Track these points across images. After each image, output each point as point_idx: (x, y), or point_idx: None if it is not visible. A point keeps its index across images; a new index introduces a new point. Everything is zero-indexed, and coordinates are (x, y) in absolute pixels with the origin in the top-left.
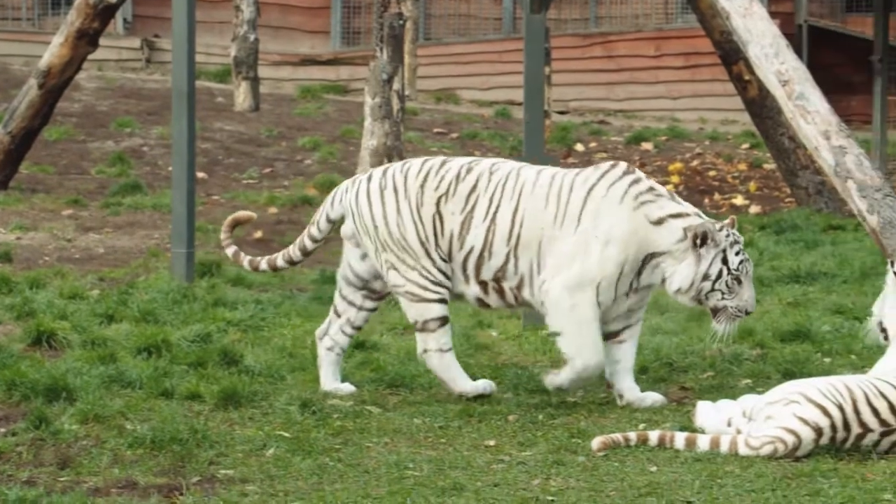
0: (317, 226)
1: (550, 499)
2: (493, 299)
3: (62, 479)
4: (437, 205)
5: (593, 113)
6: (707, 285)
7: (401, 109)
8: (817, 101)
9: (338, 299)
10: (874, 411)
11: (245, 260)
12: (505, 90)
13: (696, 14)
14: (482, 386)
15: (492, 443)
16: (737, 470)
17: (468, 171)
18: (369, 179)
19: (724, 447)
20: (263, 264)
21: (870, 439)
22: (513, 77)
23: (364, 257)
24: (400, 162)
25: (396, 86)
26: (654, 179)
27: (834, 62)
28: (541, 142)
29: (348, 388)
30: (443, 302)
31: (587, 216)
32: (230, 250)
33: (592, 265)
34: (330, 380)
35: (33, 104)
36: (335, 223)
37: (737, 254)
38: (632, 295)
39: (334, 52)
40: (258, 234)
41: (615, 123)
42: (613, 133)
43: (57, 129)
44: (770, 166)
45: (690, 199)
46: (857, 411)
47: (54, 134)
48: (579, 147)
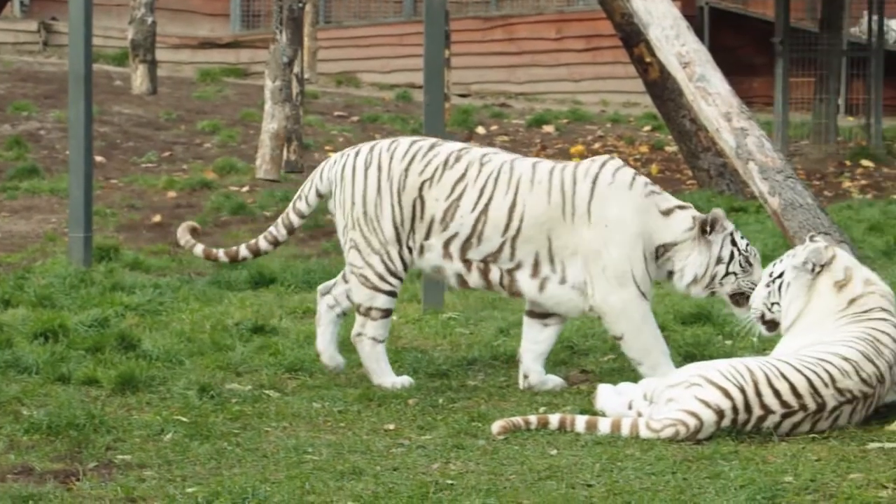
0: (305, 200)
1: (450, 482)
2: (473, 278)
3: None
4: (420, 189)
5: (494, 96)
6: (721, 269)
7: (300, 93)
8: (718, 83)
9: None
10: (775, 393)
11: (220, 252)
12: (406, 73)
13: None
14: (401, 382)
15: (391, 427)
16: (637, 453)
17: (457, 158)
18: (357, 154)
19: (625, 430)
20: (244, 251)
21: (771, 421)
22: (413, 60)
23: None
24: (389, 139)
25: (296, 69)
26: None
27: (735, 44)
28: (441, 125)
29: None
30: (392, 295)
31: (596, 207)
32: (198, 249)
33: (620, 255)
34: (326, 341)
35: None
36: (324, 197)
37: (742, 237)
38: None
39: (234, 34)
40: (157, 219)
41: (516, 106)
42: (515, 116)
43: None
44: (672, 148)
45: None
46: (758, 393)
47: None
48: (480, 130)
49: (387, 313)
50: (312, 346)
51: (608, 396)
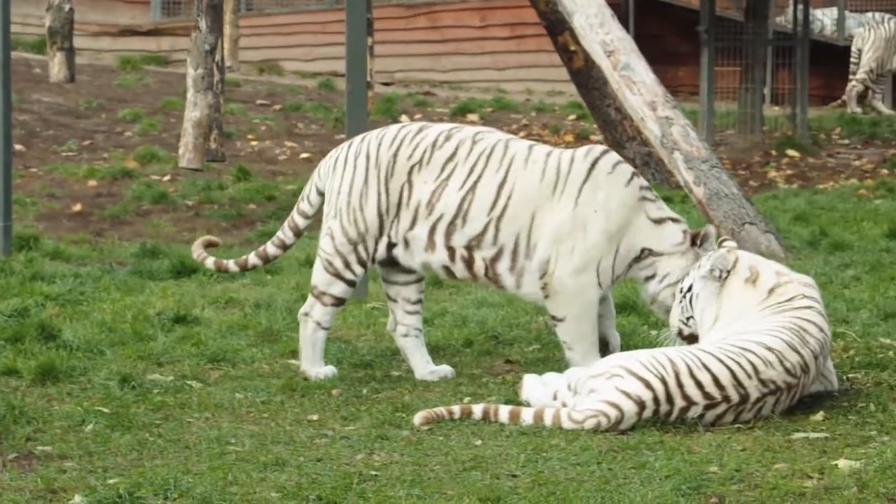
0: (307, 200)
1: (374, 473)
2: (458, 268)
3: None
4: (409, 174)
5: (419, 84)
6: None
7: (220, 81)
8: (643, 72)
9: (385, 286)
10: (698, 384)
11: (230, 263)
12: (328, 61)
13: None
14: (324, 374)
15: (315, 417)
16: (562, 443)
17: (447, 138)
18: (350, 146)
19: (548, 420)
20: (253, 259)
21: (694, 412)
22: (336, 48)
23: None
24: (378, 129)
25: (217, 57)
26: None
27: (661, 32)
28: (364, 113)
29: (447, 369)
30: (352, 285)
31: (588, 189)
32: (209, 262)
33: (593, 244)
34: (423, 365)
35: None
36: (324, 194)
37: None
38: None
39: (154, 22)
40: (77, 208)
41: (441, 95)
42: (439, 104)
43: None
44: (597, 137)
45: None
46: (680, 384)
47: None
48: (404, 118)
49: (339, 302)
50: (235, 335)
51: (533, 387)
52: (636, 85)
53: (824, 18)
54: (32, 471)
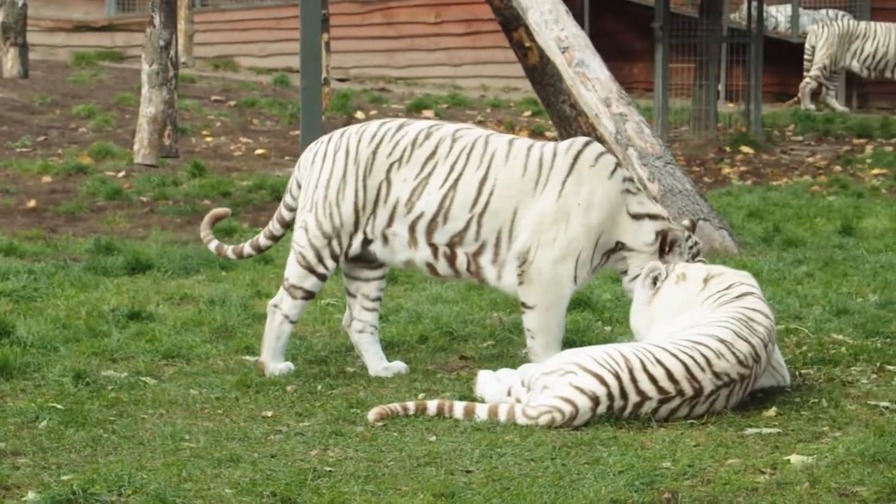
0: (290, 193)
1: (328, 469)
2: (441, 265)
3: None
4: (388, 171)
5: (374, 80)
6: None
7: (174, 77)
8: (597, 69)
9: (346, 281)
10: (651, 379)
11: (228, 250)
12: (283, 57)
13: None
14: (279, 370)
15: (269, 413)
16: (516, 439)
17: (427, 136)
18: (328, 140)
19: (503, 416)
20: (248, 248)
21: (648, 407)
22: (291, 44)
23: None
24: (359, 124)
25: (171, 52)
26: None
27: (616, 29)
28: (318, 109)
29: (401, 365)
30: (323, 279)
31: (571, 183)
32: (212, 245)
33: (575, 232)
34: (377, 362)
35: None
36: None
37: (696, 258)
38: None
39: (109, 18)
40: (32, 204)
41: (396, 91)
42: (394, 101)
43: None
44: (552, 134)
45: None
46: (633, 379)
47: None
48: (360, 115)
49: (309, 296)
50: (190, 331)
51: (487, 383)
52: (591, 81)
53: (778, 15)
54: None
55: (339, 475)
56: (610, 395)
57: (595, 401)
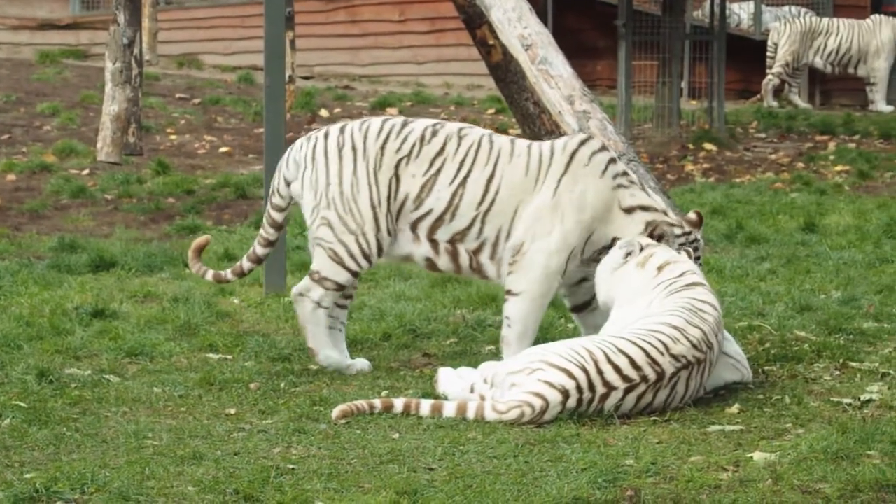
0: (277, 193)
1: (291, 467)
2: (443, 261)
3: None
4: (397, 167)
5: (338, 78)
6: None
7: (139, 75)
8: (561, 66)
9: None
10: (616, 369)
11: (228, 273)
12: (248, 55)
13: None
14: (330, 358)
15: (232, 411)
16: (479, 437)
17: (433, 133)
18: (326, 136)
19: (471, 413)
20: (246, 263)
21: (615, 397)
22: (256, 42)
23: None
24: (358, 120)
25: (136, 50)
26: None
27: (579, 27)
28: (282, 107)
29: (363, 362)
30: (356, 275)
31: (566, 181)
32: (209, 275)
33: (569, 227)
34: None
35: None
36: (291, 183)
37: (696, 250)
38: (588, 264)
39: (73, 16)
40: None
41: (360, 89)
42: (358, 98)
43: None
44: (516, 131)
45: None
46: (599, 371)
47: None
48: (324, 113)
49: (340, 288)
50: (153, 329)
51: (450, 380)
52: (554, 79)
53: (741, 13)
54: None
55: (302, 473)
56: (579, 388)
57: (565, 394)
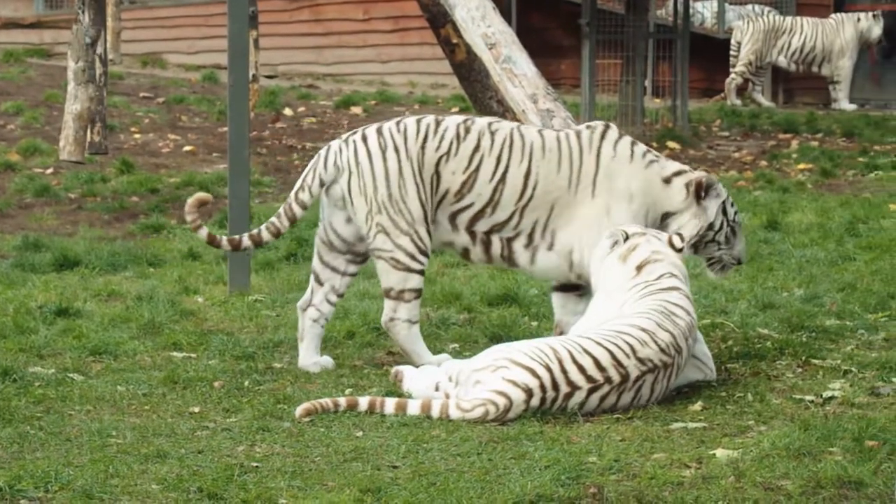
0: (308, 191)
1: (255, 465)
2: (476, 251)
3: None
4: (438, 165)
5: (302, 77)
6: (709, 235)
7: (104, 74)
8: (524, 65)
9: (319, 267)
10: (580, 368)
11: (223, 240)
12: (212, 54)
13: None
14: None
15: (196, 409)
16: (443, 434)
17: (467, 130)
18: (365, 139)
19: (436, 411)
20: (246, 240)
21: (578, 397)
22: (220, 41)
23: (349, 220)
24: (392, 121)
25: (99, 50)
26: None
27: (543, 25)
28: (245, 106)
29: (327, 360)
30: (422, 274)
31: (602, 181)
32: (202, 232)
33: (620, 223)
34: (311, 354)
35: None
36: (326, 185)
37: (731, 205)
38: None
39: (37, 15)
40: None
41: (324, 87)
42: (323, 97)
43: None
44: None
45: None
46: (564, 371)
47: None
48: (288, 111)
49: (419, 293)
50: (117, 328)
51: (413, 377)
52: (518, 77)
53: (704, 11)
54: None
55: (266, 471)
56: (542, 387)
57: (528, 393)
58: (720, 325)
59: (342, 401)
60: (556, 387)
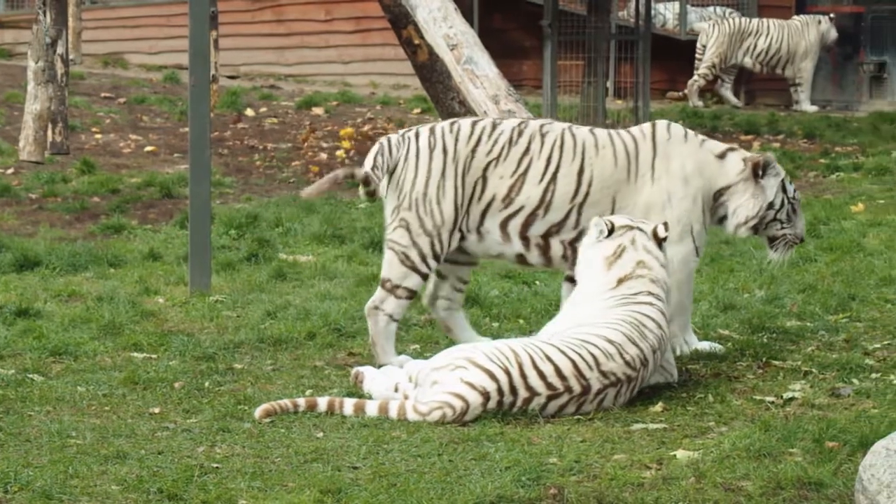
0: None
1: (215, 466)
2: (533, 255)
3: None
4: (486, 169)
5: (264, 77)
6: (770, 214)
7: (65, 74)
8: (486, 66)
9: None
10: (540, 375)
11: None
12: (173, 54)
13: None
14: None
15: (157, 410)
16: (403, 435)
17: (519, 133)
18: (417, 137)
19: (393, 413)
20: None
21: (536, 403)
22: (181, 41)
23: None
24: (448, 121)
25: (60, 49)
26: (324, 144)
27: (505, 27)
28: (206, 106)
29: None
30: (425, 278)
31: (660, 164)
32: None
33: (682, 209)
34: (466, 333)
35: None
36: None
37: (790, 182)
38: None
39: None
40: None
41: (286, 88)
42: (284, 98)
43: None
44: None
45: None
46: (523, 375)
47: None
48: (250, 112)
49: (412, 295)
50: (78, 328)
51: (373, 378)
52: (479, 79)
53: (666, 13)
54: None
55: (226, 471)
56: (500, 391)
57: (485, 396)
58: None
59: (302, 402)
60: (514, 391)
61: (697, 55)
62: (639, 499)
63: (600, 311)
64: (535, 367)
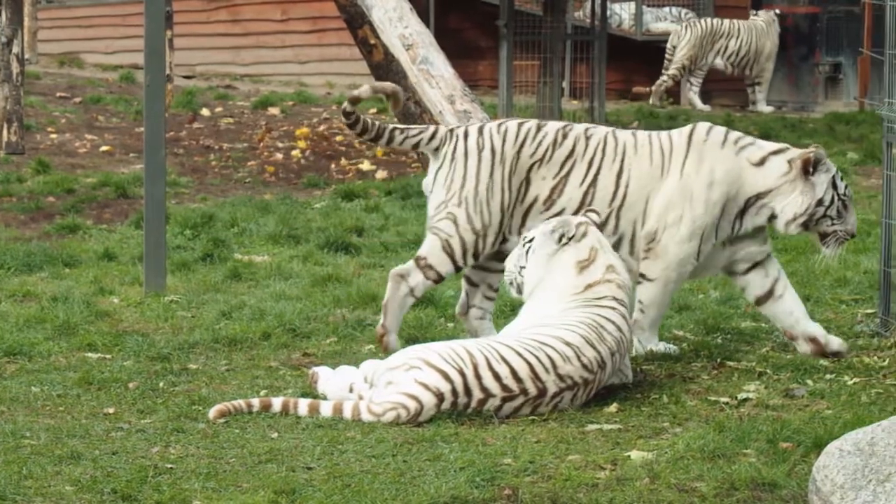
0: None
1: (169, 466)
2: None
3: None
4: (529, 171)
5: (220, 77)
6: (820, 211)
7: (21, 73)
8: (441, 66)
9: (469, 271)
10: (496, 376)
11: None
12: (129, 54)
13: None
14: (394, 344)
15: (111, 410)
16: (358, 436)
17: (564, 136)
18: (466, 137)
19: (347, 413)
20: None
21: (491, 405)
22: (137, 41)
23: None
24: (496, 122)
25: (16, 49)
26: (280, 144)
27: (461, 27)
28: (162, 106)
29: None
30: (458, 270)
31: (691, 162)
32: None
33: (699, 211)
34: None
35: None
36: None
37: (841, 179)
38: (734, 244)
39: None
40: None
41: (242, 88)
42: (240, 98)
43: None
44: None
45: (317, 165)
46: (478, 376)
47: None
48: (205, 112)
49: (439, 280)
50: (32, 329)
51: (329, 379)
52: (435, 79)
53: (622, 13)
54: None
55: (180, 472)
56: (454, 392)
57: (440, 397)
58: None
59: (256, 402)
60: (468, 392)
61: (667, 56)
62: (593, 499)
63: (560, 312)
64: (491, 368)
